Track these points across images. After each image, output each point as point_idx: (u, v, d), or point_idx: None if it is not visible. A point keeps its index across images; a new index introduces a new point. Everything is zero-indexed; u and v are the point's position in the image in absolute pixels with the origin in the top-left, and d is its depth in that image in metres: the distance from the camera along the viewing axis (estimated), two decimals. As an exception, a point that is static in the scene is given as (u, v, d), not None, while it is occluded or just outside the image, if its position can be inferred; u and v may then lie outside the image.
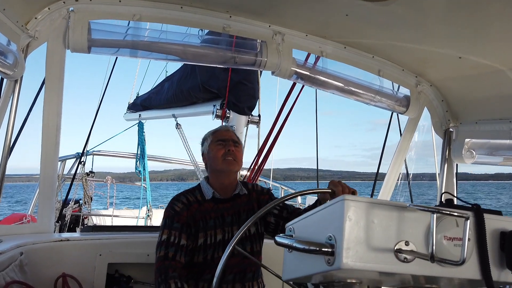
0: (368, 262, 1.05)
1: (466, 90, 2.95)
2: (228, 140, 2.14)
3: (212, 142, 2.16)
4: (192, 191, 2.17)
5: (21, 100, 2.29)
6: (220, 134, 2.18)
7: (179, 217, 2.03)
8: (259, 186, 2.35)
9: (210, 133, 2.22)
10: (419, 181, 4.10)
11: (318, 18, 2.49)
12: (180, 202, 2.08)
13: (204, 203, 2.11)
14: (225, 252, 1.42)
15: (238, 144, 2.18)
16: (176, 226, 2.01)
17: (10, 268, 1.97)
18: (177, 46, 2.50)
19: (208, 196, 2.12)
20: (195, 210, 2.07)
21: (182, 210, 2.05)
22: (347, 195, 1.09)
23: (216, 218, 2.10)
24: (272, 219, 2.17)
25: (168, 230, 2.00)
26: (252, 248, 2.14)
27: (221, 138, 2.15)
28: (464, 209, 1.14)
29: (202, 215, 2.08)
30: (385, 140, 4.03)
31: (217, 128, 2.27)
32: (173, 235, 1.98)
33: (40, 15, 2.22)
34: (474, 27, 2.14)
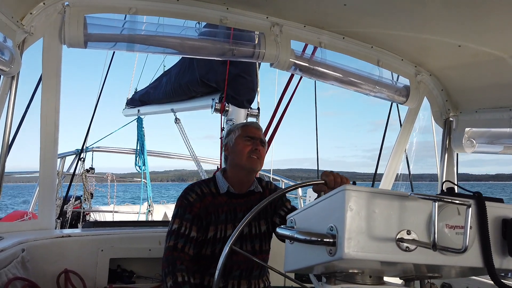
0: (369, 252, 1.05)
1: (466, 78, 2.94)
2: (257, 138, 2.11)
3: (240, 136, 2.11)
4: (207, 182, 2.15)
5: (19, 96, 2.28)
6: (250, 131, 2.13)
7: (191, 207, 2.01)
8: (273, 184, 2.32)
9: (240, 126, 2.18)
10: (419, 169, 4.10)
11: (316, 8, 2.47)
12: (194, 193, 2.06)
13: (218, 197, 2.09)
14: (223, 251, 1.43)
15: (265, 144, 2.16)
16: (187, 217, 1.99)
17: (12, 265, 1.98)
18: (174, 39, 2.48)
19: (223, 190, 2.10)
20: (209, 202, 2.06)
21: (195, 201, 2.03)
22: (348, 185, 1.09)
23: (228, 212, 2.08)
24: (277, 220, 2.15)
25: (180, 220, 1.99)
26: (260, 246, 2.12)
27: (250, 135, 2.10)
28: (465, 197, 1.14)
29: (215, 208, 2.06)
30: (382, 140, 4.01)
31: (248, 122, 2.26)
32: (184, 226, 1.97)
33: (35, 10, 2.19)
34: (473, 14, 2.12)
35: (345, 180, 1.74)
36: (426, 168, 4.64)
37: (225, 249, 1.43)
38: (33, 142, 2.45)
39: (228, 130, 2.22)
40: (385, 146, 3.95)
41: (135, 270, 2.57)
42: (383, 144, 4.00)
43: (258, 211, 1.51)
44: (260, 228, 2.13)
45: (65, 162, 5.58)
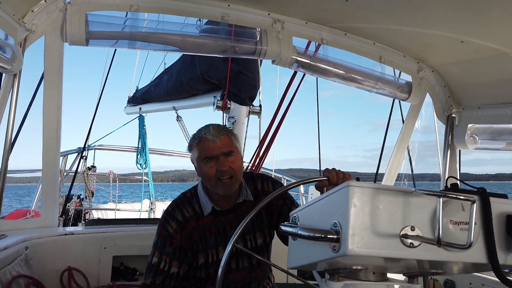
0: (373, 248, 1.05)
1: (469, 74, 2.92)
2: (217, 156, 1.76)
3: (200, 159, 1.79)
4: (189, 199, 1.90)
5: (21, 94, 2.28)
6: (206, 149, 1.77)
7: (172, 240, 1.83)
8: (271, 184, 2.00)
9: (195, 142, 1.81)
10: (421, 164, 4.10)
11: (317, 4, 2.46)
12: (174, 221, 1.84)
13: (203, 218, 1.87)
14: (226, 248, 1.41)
15: (233, 152, 1.80)
16: (168, 251, 1.83)
17: (16, 263, 1.99)
18: (176, 36, 2.47)
19: (207, 211, 1.87)
20: (192, 228, 1.85)
21: (175, 232, 1.83)
22: (352, 181, 1.08)
23: (217, 233, 1.88)
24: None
25: (159, 254, 1.83)
26: (258, 261, 1.95)
27: (208, 155, 1.77)
28: (469, 193, 1.13)
29: (201, 232, 1.86)
30: (384, 139, 4.00)
31: (202, 134, 1.80)
32: (163, 261, 1.82)
33: (37, 7, 2.19)
34: (476, 9, 2.11)
35: (347, 176, 1.62)
36: (428, 166, 4.64)
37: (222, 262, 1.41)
38: (35, 140, 2.45)
39: (188, 145, 1.89)
40: (387, 145, 3.94)
41: (138, 267, 2.58)
42: (385, 143, 3.99)
43: (260, 208, 1.48)
44: (256, 241, 1.94)
45: (67, 160, 5.59)
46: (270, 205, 1.96)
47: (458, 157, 3.27)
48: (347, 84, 2.97)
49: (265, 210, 1.95)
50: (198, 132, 1.84)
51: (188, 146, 1.89)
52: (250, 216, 1.47)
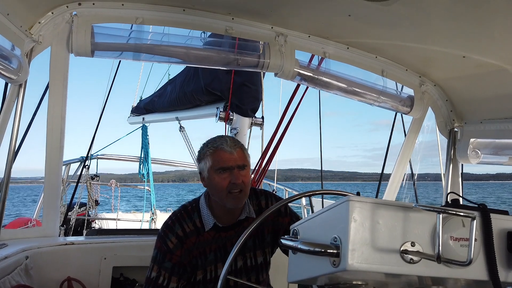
0: (373, 263, 1.05)
1: (471, 89, 2.93)
2: (233, 167, 1.72)
3: (213, 169, 1.74)
4: (190, 213, 1.85)
5: (26, 104, 2.30)
6: (222, 159, 1.73)
7: (171, 255, 1.79)
8: (274, 201, 1.95)
9: (210, 151, 1.76)
10: (424, 181, 4.09)
11: (320, 18, 2.49)
12: (174, 235, 1.80)
13: (204, 233, 1.83)
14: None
15: (246, 166, 1.77)
16: (166, 266, 1.79)
17: (16, 272, 1.98)
18: (180, 48, 2.50)
19: (208, 226, 1.82)
20: (192, 244, 1.81)
21: (176, 247, 1.79)
22: (352, 196, 1.09)
23: (217, 250, 1.84)
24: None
25: (158, 268, 1.80)
26: (257, 279, 1.93)
27: (224, 166, 1.72)
28: (470, 209, 1.13)
29: (201, 248, 1.83)
30: (389, 141, 4.02)
31: (218, 145, 1.76)
32: (162, 276, 1.79)
33: (44, 19, 2.23)
34: (477, 25, 2.13)
35: None
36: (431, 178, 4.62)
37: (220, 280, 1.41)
38: (39, 149, 2.46)
39: (199, 153, 1.84)
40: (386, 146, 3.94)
41: (137, 278, 2.57)
42: (389, 147, 3.98)
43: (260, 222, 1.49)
44: (256, 259, 1.91)
45: (69, 169, 5.61)
46: (276, 223, 1.93)
47: (461, 171, 3.26)
48: (349, 98, 2.98)
49: (268, 228, 1.92)
50: (213, 142, 1.79)
51: (199, 155, 1.83)
52: (245, 234, 1.48)
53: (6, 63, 1.92)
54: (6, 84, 2.23)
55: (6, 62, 1.93)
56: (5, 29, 1.92)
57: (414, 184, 3.93)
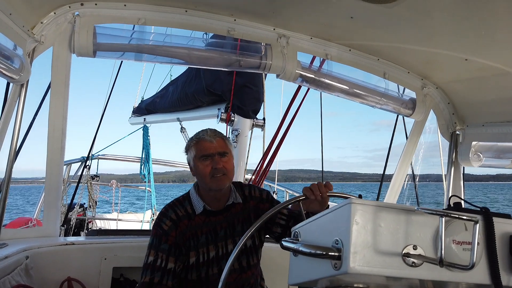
0: (375, 267, 1.04)
1: (473, 92, 2.93)
2: (213, 154, 1.92)
3: (197, 157, 1.95)
4: (182, 202, 2.02)
5: (27, 104, 2.30)
6: (203, 148, 1.94)
7: (167, 237, 1.90)
8: (257, 191, 2.15)
9: (193, 142, 1.98)
10: (425, 183, 4.08)
11: (322, 20, 2.49)
12: (168, 219, 1.94)
13: (195, 218, 1.97)
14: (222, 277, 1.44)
15: (227, 153, 1.96)
16: (163, 248, 1.88)
17: (16, 272, 1.98)
18: (182, 49, 2.50)
19: (198, 210, 1.98)
20: (185, 227, 1.94)
21: (170, 229, 1.91)
22: (354, 198, 1.08)
23: (208, 233, 1.97)
24: (279, 229, 2.05)
25: (155, 251, 1.88)
26: (248, 262, 2.03)
27: (205, 153, 1.93)
28: (472, 213, 1.13)
29: (193, 231, 1.95)
30: (390, 143, 4.01)
31: (200, 136, 1.98)
32: (160, 258, 1.87)
33: (46, 19, 2.23)
34: (480, 28, 2.13)
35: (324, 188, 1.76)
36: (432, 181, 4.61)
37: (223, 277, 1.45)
38: (40, 149, 2.46)
39: (185, 146, 2.04)
40: (386, 147, 3.93)
41: (137, 279, 2.55)
42: (391, 149, 3.97)
43: (255, 228, 1.54)
44: (245, 243, 1.94)
45: (70, 169, 5.61)
46: (258, 209, 2.08)
47: (462, 174, 3.25)
48: (351, 100, 2.98)
49: (254, 214, 2.07)
50: (196, 135, 2.02)
51: (185, 147, 2.04)
52: (246, 235, 1.53)
53: (8, 63, 1.92)
54: (8, 84, 2.23)
55: (8, 62, 1.93)
56: (8, 29, 1.92)
57: (416, 187, 3.92)
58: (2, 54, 1.82)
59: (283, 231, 2.04)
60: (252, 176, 3.77)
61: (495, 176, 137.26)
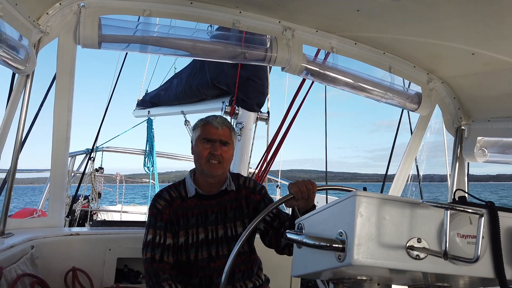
0: (379, 259, 1.04)
1: (479, 87, 2.91)
2: (215, 140, 1.96)
3: (200, 138, 1.99)
4: (177, 185, 2.08)
5: (33, 95, 2.31)
6: (209, 131, 1.98)
7: (161, 215, 1.97)
8: (252, 182, 2.17)
9: (201, 124, 2.03)
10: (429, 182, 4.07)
11: (328, 13, 2.47)
12: (162, 199, 2.01)
13: (187, 200, 2.02)
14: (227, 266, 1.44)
15: (228, 143, 2.00)
16: (160, 225, 1.96)
17: (22, 261, 2.00)
18: (186, 41, 2.50)
19: (191, 193, 2.02)
20: (177, 206, 2.00)
21: (164, 207, 1.98)
22: (359, 191, 1.08)
23: (198, 215, 2.01)
24: (262, 226, 2.05)
25: (153, 230, 1.95)
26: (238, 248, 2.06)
27: (208, 137, 1.97)
28: (477, 206, 1.13)
29: (184, 211, 2.00)
30: (394, 140, 3.99)
31: (209, 119, 2.02)
32: (158, 235, 1.94)
33: (52, 10, 2.23)
34: (487, 21, 2.10)
35: (310, 187, 1.73)
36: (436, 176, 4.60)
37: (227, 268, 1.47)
38: (45, 140, 2.47)
39: (194, 124, 2.09)
40: (387, 147, 3.92)
41: (141, 270, 2.58)
42: (394, 148, 3.96)
43: (256, 223, 1.54)
44: (236, 229, 2.04)
45: (75, 161, 5.64)
46: (248, 198, 2.11)
47: (467, 169, 3.24)
48: (356, 93, 2.96)
49: (245, 202, 2.10)
50: (206, 117, 2.06)
51: (193, 126, 2.10)
52: (248, 229, 1.53)
53: (14, 53, 1.93)
54: (14, 75, 2.23)
55: (14, 53, 1.93)
56: (13, 19, 1.92)
57: (420, 183, 3.91)
58: (8, 44, 1.83)
59: (266, 229, 2.05)
60: (255, 170, 3.78)
61: (495, 176, 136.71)
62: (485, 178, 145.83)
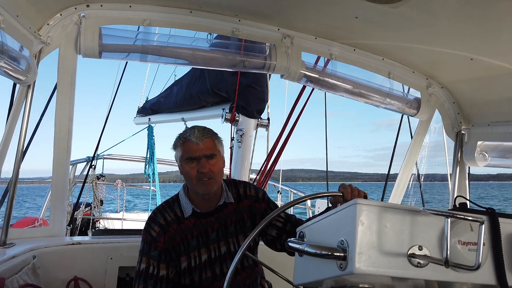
0: (380, 267, 1.04)
1: (478, 91, 2.92)
2: (199, 157, 1.82)
3: (183, 159, 1.86)
4: (171, 204, 1.96)
5: (34, 105, 2.32)
6: (189, 149, 1.83)
7: (156, 244, 1.86)
8: (253, 189, 2.06)
9: (180, 142, 1.87)
10: (430, 182, 4.06)
11: (327, 20, 2.49)
12: (156, 224, 1.89)
13: (185, 221, 1.90)
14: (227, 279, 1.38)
15: (215, 155, 1.86)
16: (153, 255, 1.85)
17: (23, 272, 2.00)
18: (186, 50, 2.51)
19: (187, 213, 1.91)
20: (174, 231, 1.88)
21: (158, 235, 1.87)
22: (359, 199, 1.08)
23: (199, 236, 1.91)
24: (274, 232, 1.98)
25: (147, 259, 1.86)
26: (242, 264, 1.96)
27: (191, 156, 1.83)
28: (478, 213, 1.13)
29: (183, 235, 1.89)
30: (395, 142, 4.00)
31: (186, 136, 1.86)
32: (151, 265, 1.84)
33: (52, 21, 2.25)
34: (485, 27, 2.12)
35: (362, 194, 1.65)
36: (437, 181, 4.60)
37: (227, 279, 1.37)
38: (46, 149, 2.48)
39: (174, 142, 1.93)
40: (387, 146, 3.93)
41: (143, 279, 2.57)
42: (395, 149, 3.97)
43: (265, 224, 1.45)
44: (238, 244, 1.95)
45: (76, 169, 5.65)
46: (253, 209, 2.01)
47: (468, 174, 3.24)
48: (355, 99, 2.97)
49: (247, 214, 2.01)
50: (184, 133, 1.91)
51: (173, 145, 1.93)
52: (250, 237, 1.43)
53: (15, 64, 1.94)
54: (15, 85, 2.25)
55: (15, 63, 1.95)
56: (14, 31, 1.93)
57: (421, 187, 3.91)
58: (9, 55, 1.84)
59: (278, 235, 1.97)
60: (256, 176, 3.78)
61: (495, 176, 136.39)
62: (486, 177, 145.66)
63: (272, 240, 2.00)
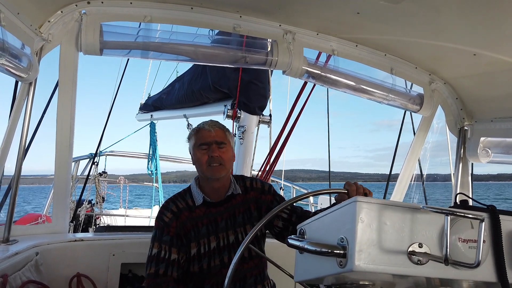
0: (380, 265, 1.04)
1: (481, 87, 2.90)
2: (211, 143, 1.95)
3: (196, 146, 1.98)
4: (183, 195, 2.05)
5: (35, 102, 2.33)
6: (202, 136, 1.97)
7: (168, 229, 1.94)
8: (259, 183, 2.15)
9: (194, 132, 2.03)
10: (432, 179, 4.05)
11: (328, 16, 2.47)
12: (169, 211, 1.98)
13: (195, 209, 1.99)
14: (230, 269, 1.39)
15: (225, 143, 1.98)
16: (165, 240, 1.93)
17: (26, 268, 2.01)
18: (187, 46, 2.51)
19: (198, 202, 2.00)
20: (185, 218, 1.97)
21: (171, 220, 1.95)
22: (359, 197, 1.08)
23: (208, 224, 1.99)
24: (280, 223, 2.04)
25: (159, 244, 1.93)
26: (250, 253, 2.02)
27: (203, 142, 1.96)
28: (479, 210, 1.12)
29: (194, 222, 1.97)
30: (397, 140, 3.98)
31: (201, 126, 2.02)
32: (163, 250, 1.91)
33: (53, 18, 2.25)
34: (489, 22, 2.10)
35: (367, 192, 1.66)
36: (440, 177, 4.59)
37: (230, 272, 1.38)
38: (48, 146, 2.49)
39: (188, 135, 2.07)
40: (388, 146, 3.91)
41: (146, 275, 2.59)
42: (397, 148, 3.95)
43: (272, 216, 1.48)
44: (246, 234, 2.00)
45: (79, 166, 5.67)
46: (259, 200, 2.09)
47: (471, 170, 3.23)
48: (358, 95, 2.96)
49: (254, 205, 2.08)
50: (198, 125, 2.06)
51: (187, 137, 2.06)
52: (257, 227, 1.46)
53: (16, 62, 1.94)
54: (16, 83, 2.25)
55: (16, 61, 1.95)
56: (15, 28, 1.94)
57: (423, 184, 3.89)
58: (11, 53, 1.84)
59: (285, 226, 2.03)
60: (258, 173, 3.78)
61: (495, 176, 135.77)
62: (486, 177, 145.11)
63: (280, 232, 2.06)
